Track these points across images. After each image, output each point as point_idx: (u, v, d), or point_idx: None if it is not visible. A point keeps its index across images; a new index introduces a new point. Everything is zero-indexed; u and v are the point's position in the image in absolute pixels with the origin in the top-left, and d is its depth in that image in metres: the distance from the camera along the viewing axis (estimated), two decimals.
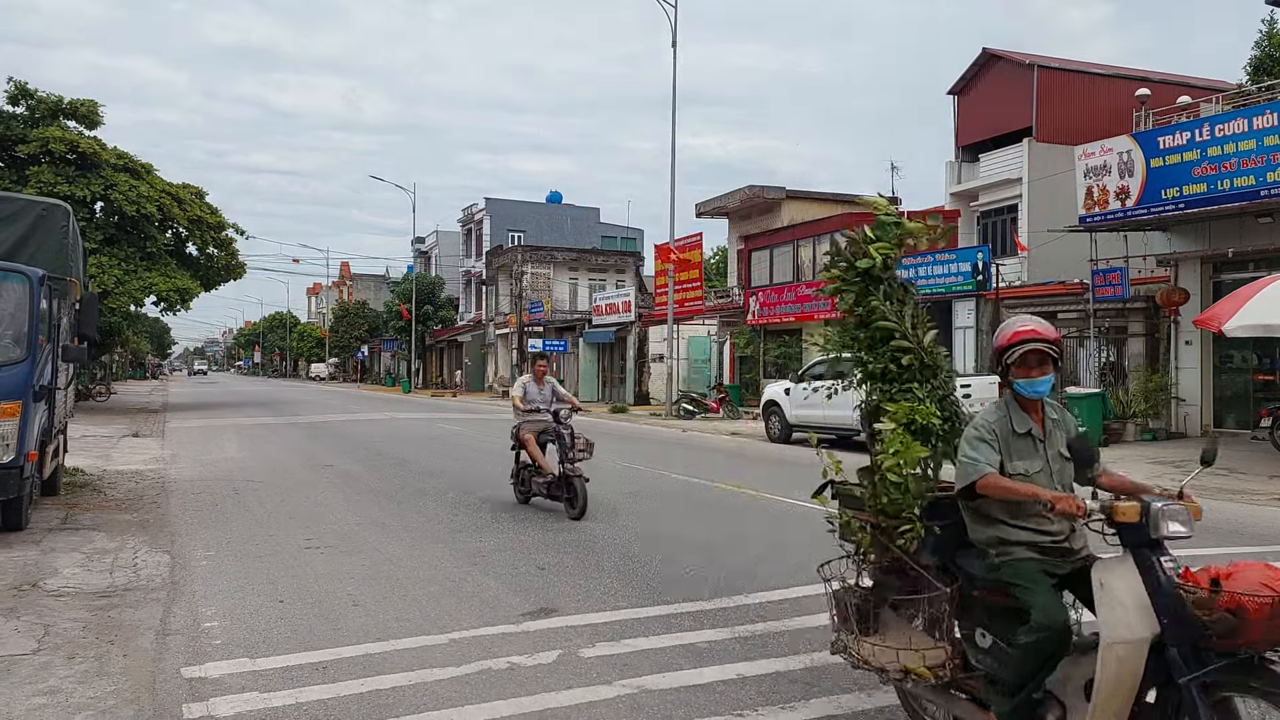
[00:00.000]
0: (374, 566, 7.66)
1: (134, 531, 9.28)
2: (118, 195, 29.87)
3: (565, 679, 4.95)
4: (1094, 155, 17.68)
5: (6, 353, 8.34)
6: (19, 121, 29.74)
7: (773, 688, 4.84)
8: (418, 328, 60.03)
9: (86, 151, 29.59)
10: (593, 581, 7.07)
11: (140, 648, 5.55)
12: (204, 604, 6.51)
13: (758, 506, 10.77)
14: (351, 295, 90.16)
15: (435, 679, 4.96)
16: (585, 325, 41.65)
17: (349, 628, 5.92)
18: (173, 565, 7.76)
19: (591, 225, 64.83)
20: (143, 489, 12.43)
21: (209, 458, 16.66)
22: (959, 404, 4.27)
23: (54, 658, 5.28)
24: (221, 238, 35.13)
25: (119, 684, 4.91)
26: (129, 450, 18.09)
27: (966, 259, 22.91)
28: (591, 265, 51.63)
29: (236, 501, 11.30)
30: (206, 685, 4.89)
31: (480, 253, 59.70)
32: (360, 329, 78.15)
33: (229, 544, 8.63)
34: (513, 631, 5.81)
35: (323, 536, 8.97)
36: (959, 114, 33.57)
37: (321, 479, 13.42)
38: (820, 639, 5.62)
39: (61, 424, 11.26)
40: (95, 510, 10.51)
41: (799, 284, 28.43)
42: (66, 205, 10.70)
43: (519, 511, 10.35)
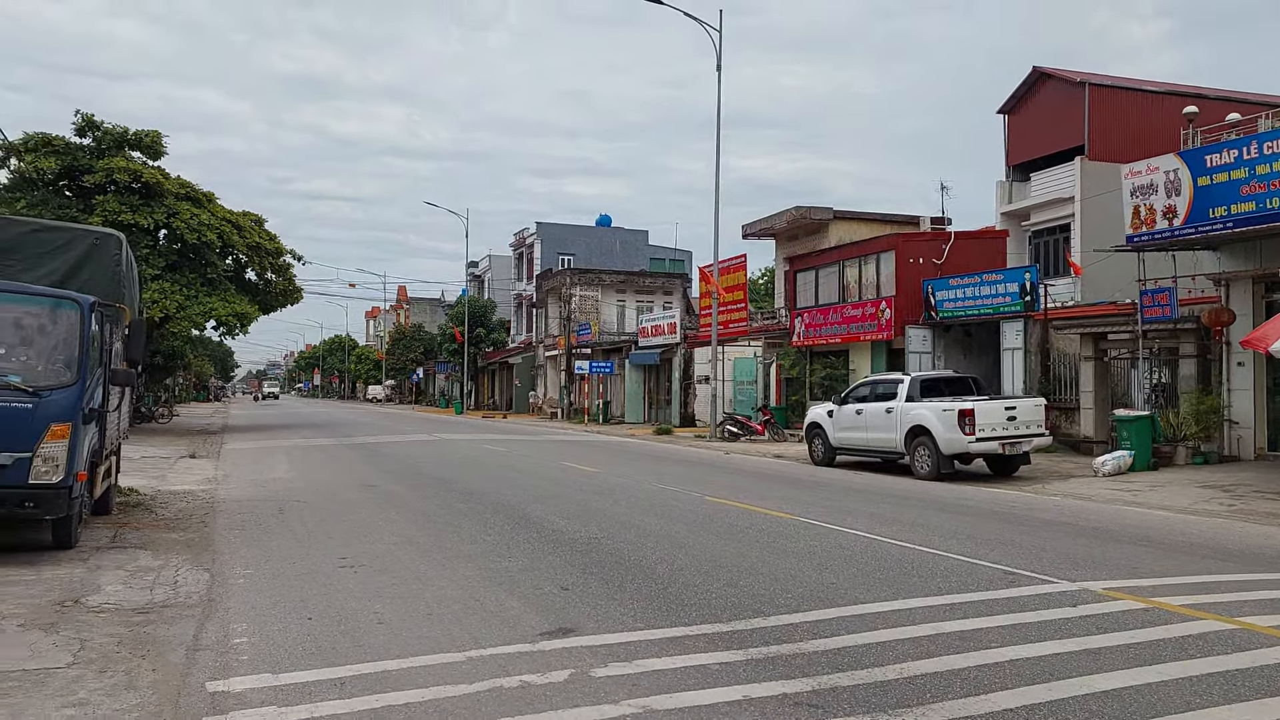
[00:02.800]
0: (403, 585, 7.82)
1: (178, 550, 9.58)
2: (180, 223, 30.88)
3: (573, 698, 5.03)
4: (1140, 174, 17.40)
5: (57, 377, 8.69)
6: (86, 152, 30.92)
7: (776, 709, 4.86)
8: (470, 350, 60.82)
9: (150, 181, 30.64)
10: (613, 603, 7.14)
11: (170, 662, 5.75)
12: (236, 620, 6.71)
13: (789, 530, 10.74)
14: (408, 319, 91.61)
15: (446, 696, 5.07)
16: (631, 347, 41.82)
17: (371, 645, 6.07)
18: (211, 583, 8.01)
19: (640, 247, 65.20)
20: (192, 509, 12.80)
21: (259, 478, 17.07)
22: None
23: (86, 671, 5.50)
24: (279, 263, 36.08)
25: (145, 697, 5.11)
26: (184, 471, 18.61)
27: (1015, 279, 22.63)
28: (639, 287, 51.89)
29: (280, 521, 11.58)
30: (228, 699, 5.06)
31: (531, 276, 60.39)
32: (416, 351, 79.33)
33: (267, 563, 8.87)
34: (528, 650, 5.90)
35: (358, 556, 9.17)
36: (1009, 133, 33.26)
37: (364, 499, 13.69)
38: (831, 662, 5.63)
39: (113, 445, 11.65)
40: (144, 529, 10.86)
41: (845, 305, 28.30)
42: (119, 234, 11.14)
43: (549, 532, 10.46)
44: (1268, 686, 5.21)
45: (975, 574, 8.19)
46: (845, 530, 10.63)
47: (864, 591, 7.49)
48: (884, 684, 5.22)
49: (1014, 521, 11.54)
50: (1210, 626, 6.40)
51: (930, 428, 17.03)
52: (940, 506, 12.93)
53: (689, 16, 29.31)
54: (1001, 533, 10.56)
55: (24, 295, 9.02)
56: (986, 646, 5.91)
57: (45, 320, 8.95)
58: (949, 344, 25.29)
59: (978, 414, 16.62)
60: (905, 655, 5.74)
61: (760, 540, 9.94)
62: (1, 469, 8.27)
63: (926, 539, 10.03)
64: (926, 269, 26.10)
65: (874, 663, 5.59)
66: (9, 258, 9.86)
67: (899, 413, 17.95)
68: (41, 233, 10.35)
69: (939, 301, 24.65)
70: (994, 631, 6.28)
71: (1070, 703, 4.92)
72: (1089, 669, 5.48)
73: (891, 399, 18.31)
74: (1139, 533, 10.73)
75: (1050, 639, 6.09)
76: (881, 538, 10.10)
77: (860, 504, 13.17)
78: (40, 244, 10.10)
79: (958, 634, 6.21)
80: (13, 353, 8.85)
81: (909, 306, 25.72)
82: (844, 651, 5.84)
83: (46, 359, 8.83)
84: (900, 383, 18.56)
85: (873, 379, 20.77)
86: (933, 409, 17.23)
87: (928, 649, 5.87)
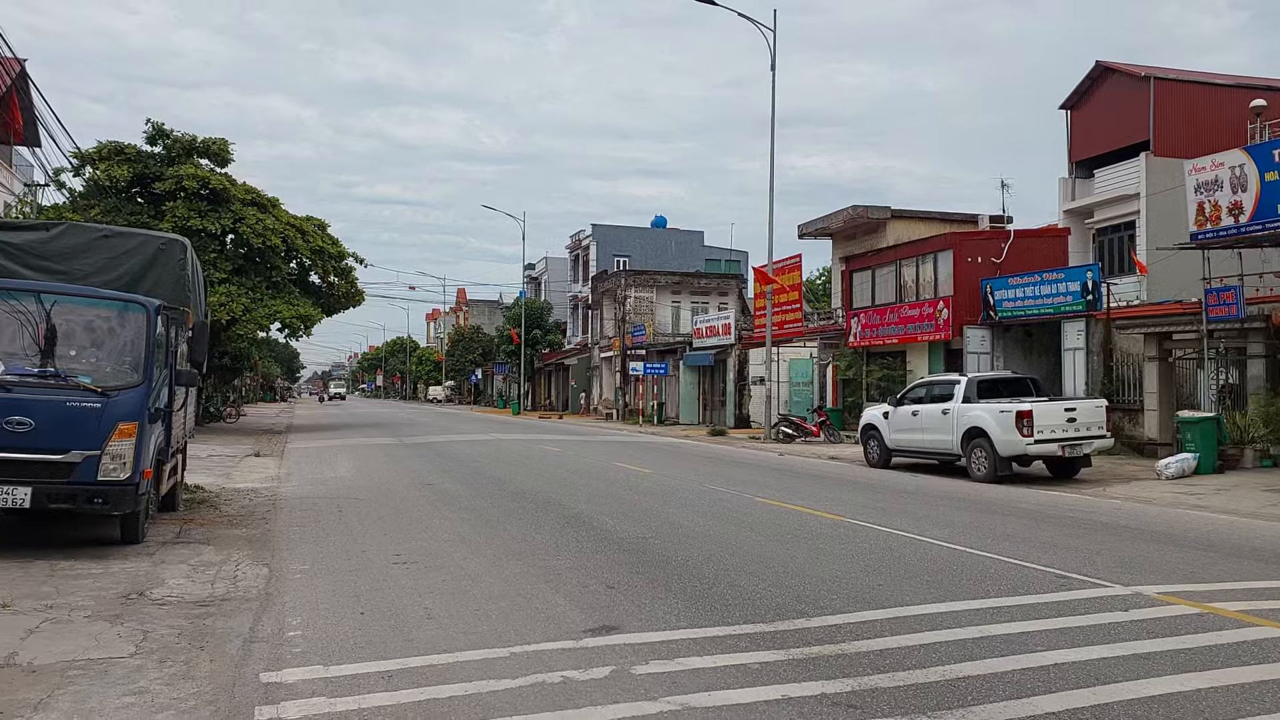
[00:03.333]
0: (453, 582, 7.97)
1: (239, 546, 9.88)
2: (245, 228, 31.69)
3: (613, 694, 5.10)
4: (1205, 170, 16.95)
5: (125, 377, 9.02)
6: (157, 160, 31.86)
7: (814, 709, 4.87)
8: (527, 351, 61.38)
9: (217, 187, 31.48)
10: (658, 601, 7.20)
11: (226, 653, 5.95)
12: (291, 614, 6.91)
13: (838, 532, 10.69)
14: (467, 320, 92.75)
15: (489, 690, 5.18)
16: (686, 348, 41.84)
17: (420, 639, 6.21)
18: (269, 577, 8.24)
19: (696, 248, 65.19)
20: (254, 506, 13.16)
21: (320, 476, 17.47)
22: None
23: (147, 661, 5.72)
24: (342, 266, 36.79)
25: (201, 686, 5.30)
26: (248, 469, 19.11)
27: (1076, 278, 22.18)
28: (694, 288, 51.87)
29: (338, 518, 11.85)
30: (280, 690, 5.23)
31: (586, 278, 60.73)
32: (474, 353, 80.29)
33: (324, 558, 9.10)
34: (572, 647, 5.99)
35: (411, 552, 9.36)
36: (1072, 129, 32.62)
37: (420, 497, 13.94)
38: (872, 663, 5.62)
39: (179, 444, 12.03)
40: (208, 525, 11.21)
41: (902, 305, 28.00)
42: (184, 240, 11.50)
43: (598, 532, 10.55)
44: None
45: (1025, 577, 8.09)
46: (895, 532, 10.56)
47: (909, 594, 7.45)
48: (925, 686, 5.20)
49: (1070, 525, 11.34)
50: (1266, 633, 6.25)
51: (987, 429, 16.80)
52: (994, 509, 12.76)
53: (742, 16, 29.26)
54: (1056, 536, 10.39)
55: (93, 299, 9.38)
56: (1032, 650, 5.85)
57: (114, 323, 9.30)
58: (1008, 344, 24.88)
59: (1036, 415, 16.35)
60: (948, 658, 5.70)
61: (808, 542, 9.91)
62: (72, 466, 8.60)
63: (978, 542, 9.91)
64: (985, 268, 25.71)
65: (916, 664, 5.57)
66: (79, 263, 10.25)
67: (955, 414, 17.73)
68: (110, 238, 10.74)
69: (998, 301, 24.26)
70: (1041, 635, 6.20)
71: (1115, 707, 4.86)
72: (1137, 674, 5.39)
73: (948, 400, 18.09)
74: (1200, 537, 10.48)
75: (1099, 643, 6.00)
76: (931, 540, 10.01)
77: (913, 506, 13.04)
78: (109, 249, 10.48)
79: (1003, 637, 6.15)
80: (83, 354, 9.20)
81: (967, 306, 25.35)
82: (886, 653, 5.82)
83: (115, 360, 9.17)
84: (957, 384, 18.33)
85: (929, 380, 20.53)
86: (990, 410, 16.99)
87: (971, 652, 5.83)
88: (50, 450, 8.53)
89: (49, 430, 8.52)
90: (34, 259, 10.16)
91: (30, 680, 5.28)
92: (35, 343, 8.95)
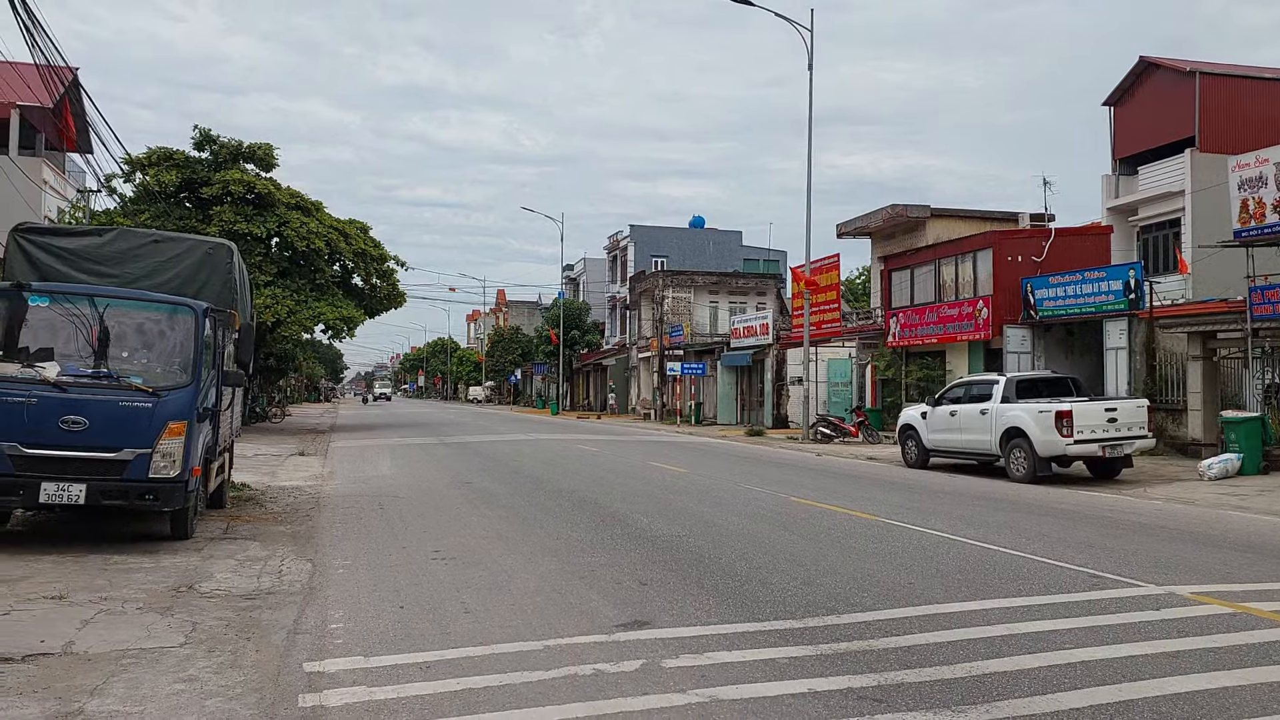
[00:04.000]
0: (490, 577, 8.15)
1: (284, 542, 10.15)
2: (290, 232, 32.28)
3: (643, 686, 5.23)
4: (1248, 166, 16.71)
5: (174, 378, 9.33)
6: (204, 165, 32.57)
7: (840, 703, 4.97)
8: (565, 352, 61.74)
9: (263, 192, 32.11)
10: (689, 598, 7.32)
11: (272, 644, 6.17)
12: (333, 607, 7.13)
13: (872, 531, 10.73)
14: (507, 321, 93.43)
15: (523, 681, 5.33)
16: (723, 348, 41.85)
17: (457, 632, 6.39)
18: (313, 572, 8.48)
19: (734, 249, 65.15)
20: (299, 503, 13.47)
21: (362, 475, 17.79)
22: None
23: (196, 650, 5.95)
24: (384, 269, 37.32)
25: (248, 675, 5.51)
26: (293, 468, 19.50)
27: (1118, 277, 21.93)
28: (732, 288, 51.86)
29: (380, 516, 12.11)
30: (322, 679, 5.43)
31: (624, 278, 60.95)
32: (513, 353, 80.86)
33: (365, 554, 9.33)
34: (604, 641, 6.13)
35: (449, 549, 9.56)
36: (1115, 125, 32.22)
37: (459, 495, 14.17)
38: (900, 659, 5.70)
39: (226, 443, 12.35)
40: (254, 522, 11.51)
41: (941, 304, 27.82)
42: (231, 244, 11.82)
43: (633, 530, 10.68)
44: None
45: (1058, 576, 8.10)
46: (928, 531, 10.58)
47: (940, 592, 7.50)
48: (950, 681, 5.27)
49: (1107, 525, 11.27)
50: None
51: (1026, 429, 16.69)
52: (1031, 509, 12.71)
53: (779, 16, 29.25)
54: (1092, 536, 10.35)
55: (144, 302, 9.70)
56: (1060, 648, 5.89)
57: (164, 325, 9.62)
58: (1050, 344, 24.64)
59: (1076, 415, 16.22)
60: (975, 654, 5.76)
61: (841, 540, 9.97)
62: (124, 464, 8.92)
63: (1012, 541, 9.91)
64: (1026, 267, 25.48)
65: (942, 661, 5.64)
66: (131, 267, 10.59)
67: (994, 414, 17.63)
68: (160, 243, 11.08)
69: (1038, 300, 24.04)
70: (1069, 633, 6.23)
71: (1139, 704, 4.89)
72: (1164, 672, 5.42)
73: (986, 400, 18.00)
74: (1240, 538, 10.38)
75: (1127, 641, 6.03)
76: (965, 539, 10.03)
77: (948, 506, 13.03)
78: (159, 254, 10.81)
79: (1031, 635, 6.19)
80: (135, 355, 9.53)
81: (1007, 306, 25.15)
82: (913, 649, 5.89)
83: (164, 361, 9.48)
84: (995, 383, 18.23)
85: (967, 379, 20.43)
86: (1028, 410, 16.88)
87: (999, 649, 5.88)
88: (104, 449, 8.85)
89: (102, 429, 8.84)
90: (88, 263, 10.52)
91: (86, 667, 5.53)
92: (89, 344, 9.29)
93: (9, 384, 8.75)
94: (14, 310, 9.20)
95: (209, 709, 4.92)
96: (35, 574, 7.96)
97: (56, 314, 9.29)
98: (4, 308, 9.19)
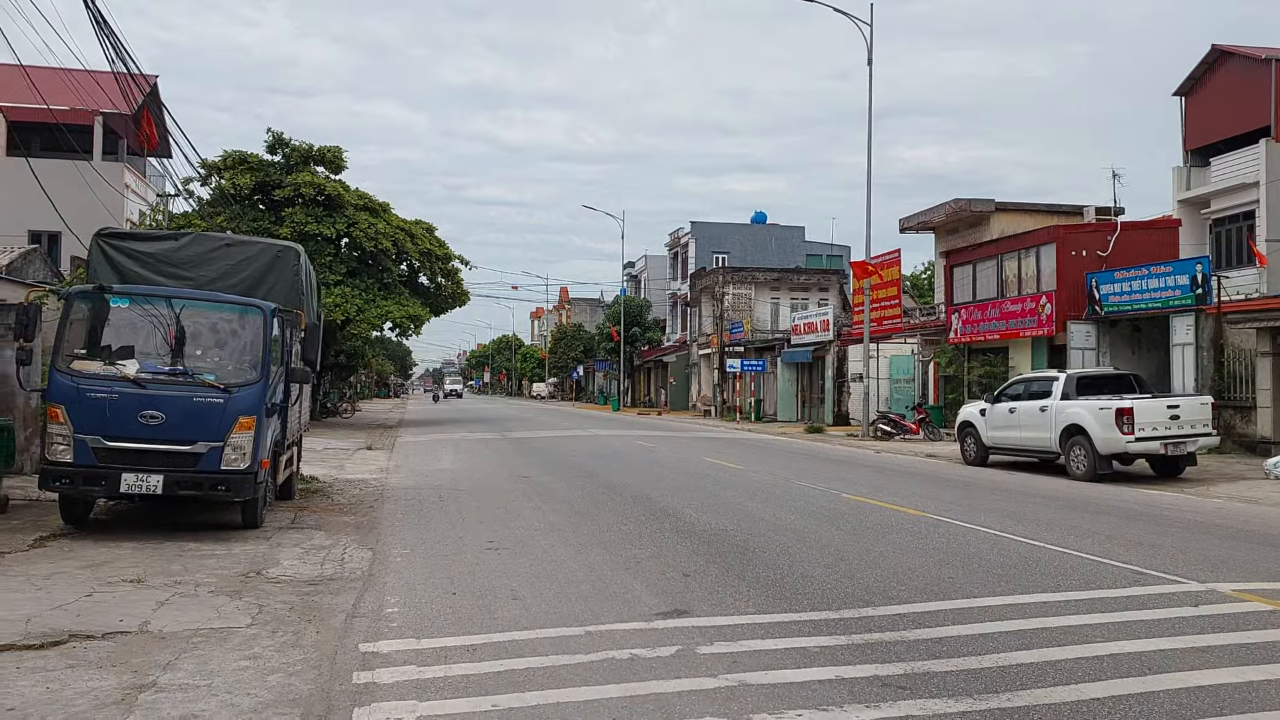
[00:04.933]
0: (539, 567, 8.46)
1: (348, 531, 10.61)
2: (358, 232, 33.18)
3: (676, 670, 5.47)
4: None
5: (244, 375, 9.83)
6: (276, 168, 33.60)
7: (865, 689, 5.14)
8: (626, 349, 62.13)
9: (332, 194, 33.04)
10: (730, 589, 7.53)
11: (331, 626, 6.55)
12: (390, 593, 7.50)
13: (920, 527, 10.80)
14: (569, 318, 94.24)
15: (563, 664, 5.61)
16: (784, 345, 41.76)
17: (504, 617, 6.70)
18: (373, 560, 8.89)
19: (796, 244, 64.80)
20: (364, 495, 13.98)
21: (425, 468, 18.32)
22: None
23: (261, 631, 6.35)
24: (448, 268, 38.09)
25: (307, 654, 5.89)
26: (360, 461, 20.13)
27: (1184, 271, 21.44)
28: (793, 284, 51.66)
29: (440, 507, 12.53)
30: (376, 658, 5.77)
31: (685, 275, 61.09)
32: (576, 350, 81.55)
33: (424, 544, 9.73)
34: (643, 628, 6.38)
35: (503, 539, 9.91)
36: (1187, 116, 31.40)
37: (516, 489, 14.55)
38: (929, 650, 5.84)
39: (294, 437, 12.88)
40: (320, 513, 12.02)
41: (1003, 300, 27.47)
42: (298, 247, 12.33)
43: (682, 524, 10.90)
44: None
45: (1100, 572, 8.12)
46: (976, 528, 10.61)
47: (978, 586, 7.59)
48: (976, 671, 5.41)
49: (1161, 523, 11.17)
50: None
51: (1086, 427, 16.51)
52: (1086, 507, 12.61)
53: (839, 12, 29.14)
54: (1144, 534, 10.28)
55: (216, 303, 10.23)
56: (1090, 641, 5.97)
57: (234, 325, 10.14)
58: (1115, 340, 24.19)
59: (1137, 413, 16.00)
60: (1005, 646, 5.88)
61: (887, 536, 10.07)
62: (198, 456, 9.44)
63: (1060, 538, 9.90)
64: (1090, 262, 25.04)
65: (971, 652, 5.77)
66: (204, 269, 11.14)
67: (1053, 411, 17.46)
68: (231, 246, 11.62)
69: (1103, 295, 23.61)
70: (1101, 627, 6.30)
71: (1160, 695, 4.98)
72: (1191, 665, 5.48)
73: (1046, 397, 17.82)
74: None
75: (1159, 636, 6.09)
76: (1012, 536, 10.05)
77: (1000, 503, 13.00)
78: (230, 257, 11.35)
79: (1063, 628, 6.28)
80: (208, 354, 10.06)
81: (1071, 301, 24.74)
82: (944, 641, 6.03)
83: (235, 359, 9.99)
84: (1055, 380, 18.04)
85: (1027, 376, 20.21)
86: (1089, 407, 16.69)
87: (1029, 641, 5.99)
88: (179, 441, 9.39)
89: (178, 423, 9.38)
90: (165, 266, 11.09)
91: (160, 645, 5.96)
92: (166, 343, 9.84)
93: (92, 380, 9.33)
94: (97, 311, 9.79)
95: (270, 684, 5.29)
96: (116, 559, 8.50)
97: (135, 314, 9.86)
98: (87, 309, 9.80)
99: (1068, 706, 4.84)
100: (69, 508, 10.01)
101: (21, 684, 5.17)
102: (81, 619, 6.47)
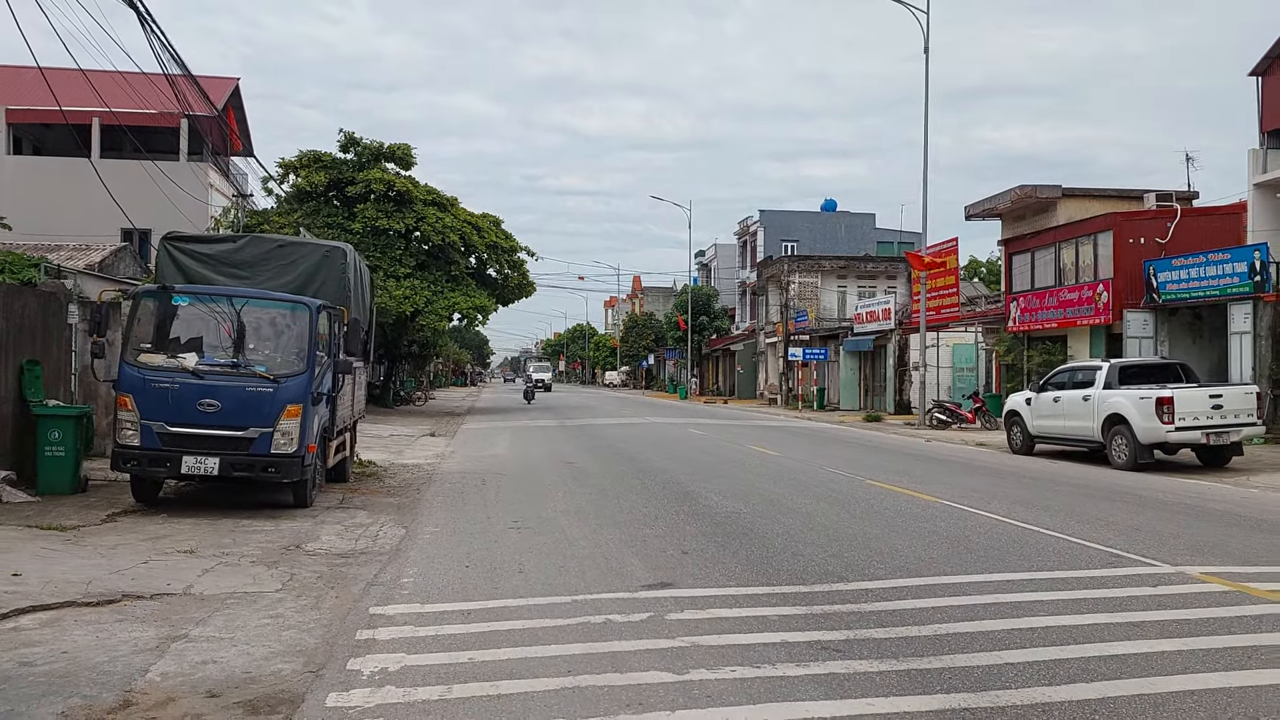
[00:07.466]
0: (552, 544, 9.14)
1: (389, 511, 11.45)
2: (427, 226, 34.38)
3: (641, 633, 6.08)
4: None
5: (291, 366, 10.73)
6: (349, 166, 35.01)
7: (804, 651, 5.67)
8: (695, 337, 62.63)
9: (401, 190, 34.29)
10: (718, 565, 8.10)
11: (350, 592, 7.32)
12: (410, 566, 8.25)
13: (927, 512, 11.16)
14: (641, 307, 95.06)
15: (542, 626, 6.26)
16: (847, 333, 41.79)
17: (504, 587, 7.38)
18: (404, 537, 9.68)
19: (867, 231, 64.40)
20: (413, 479, 14.87)
21: (479, 454, 19.21)
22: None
23: (288, 595, 7.16)
24: (514, 260, 39.14)
25: (323, 614, 6.66)
26: (420, 447, 21.14)
27: (1243, 258, 21.09)
28: (860, 272, 51.47)
29: (479, 490, 13.32)
30: (381, 619, 6.51)
31: (754, 264, 61.26)
32: (647, 339, 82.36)
33: (453, 523, 10.50)
34: (625, 597, 7.00)
35: (527, 520, 10.63)
36: (1263, 96, 30.39)
37: (556, 473, 15.29)
38: (878, 620, 6.33)
39: (345, 424, 13.79)
40: (368, 495, 12.92)
41: (1061, 288, 27.23)
42: (346, 246, 13.22)
43: (700, 506, 11.47)
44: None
45: (1077, 554, 8.46)
46: (980, 513, 10.95)
47: (954, 565, 8.01)
48: (912, 639, 5.89)
49: (1174, 511, 11.34)
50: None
51: (1127, 416, 16.56)
52: (1107, 495, 12.79)
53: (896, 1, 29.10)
54: (1149, 521, 10.49)
55: (267, 300, 11.15)
56: (1034, 615, 6.39)
57: (284, 320, 11.05)
58: (1174, 328, 23.87)
59: (1177, 402, 15.99)
60: (949, 618, 6.33)
61: (890, 520, 10.50)
62: (250, 440, 10.38)
63: (1059, 524, 10.20)
64: (1149, 249, 24.71)
65: (915, 622, 6.24)
66: (260, 269, 12.10)
67: (1096, 400, 17.50)
68: (284, 247, 12.56)
69: (1161, 283, 23.33)
70: (1050, 603, 6.71)
71: (1072, 663, 5.40)
72: (1119, 637, 5.87)
73: (1089, 386, 17.87)
74: None
75: (1101, 611, 6.46)
76: (1012, 520, 10.38)
77: (1020, 490, 13.24)
78: (282, 257, 12.29)
79: (1013, 603, 6.70)
80: (260, 347, 10.99)
81: (1129, 289, 24.47)
82: (896, 613, 6.51)
83: (284, 352, 10.90)
84: (1099, 369, 18.06)
85: (1071, 365, 20.20)
86: (1130, 397, 16.71)
87: (974, 614, 6.43)
88: (233, 427, 10.33)
89: (232, 411, 10.32)
90: (225, 266, 12.07)
91: (198, 605, 6.80)
92: (222, 337, 10.79)
93: (156, 372, 10.33)
94: (161, 308, 10.79)
95: (284, 638, 6.06)
96: (175, 533, 9.46)
97: (195, 311, 10.84)
98: (153, 307, 10.80)
99: (980, 669, 5.30)
100: (139, 487, 11.05)
101: (76, 633, 6.04)
102: (135, 582, 7.37)
